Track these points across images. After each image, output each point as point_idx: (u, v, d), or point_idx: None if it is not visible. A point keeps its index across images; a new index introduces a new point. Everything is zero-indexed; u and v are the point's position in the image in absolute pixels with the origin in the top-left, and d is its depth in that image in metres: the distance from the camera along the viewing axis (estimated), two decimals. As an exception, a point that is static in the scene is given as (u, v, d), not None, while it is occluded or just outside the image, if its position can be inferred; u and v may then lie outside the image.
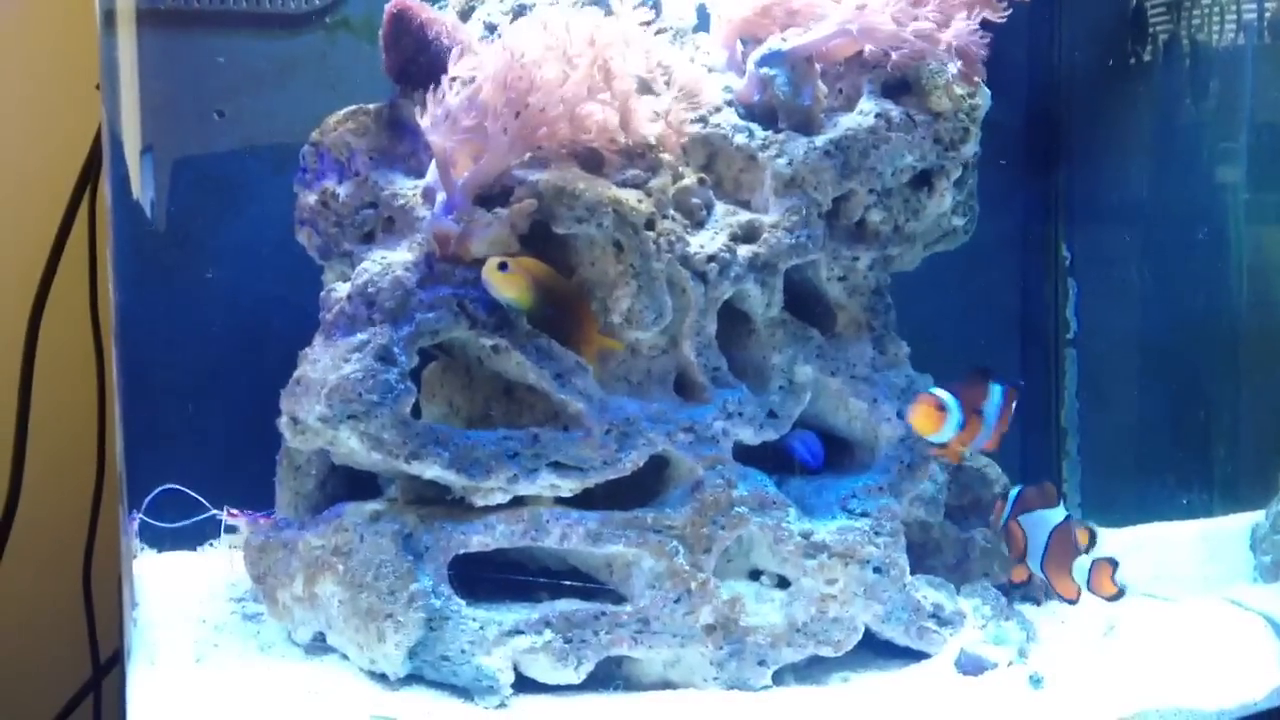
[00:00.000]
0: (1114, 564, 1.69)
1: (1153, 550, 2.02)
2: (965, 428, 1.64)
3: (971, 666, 1.65)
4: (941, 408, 1.63)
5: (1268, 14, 1.98)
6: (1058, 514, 1.70)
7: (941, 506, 1.80)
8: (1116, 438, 2.17)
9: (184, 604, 1.80)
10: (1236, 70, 2.03)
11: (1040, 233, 2.24)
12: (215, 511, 1.91)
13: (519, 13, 1.74)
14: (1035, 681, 1.61)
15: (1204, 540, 2.01)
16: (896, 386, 1.77)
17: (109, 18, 1.72)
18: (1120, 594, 1.69)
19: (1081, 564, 1.68)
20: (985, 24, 1.74)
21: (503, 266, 1.56)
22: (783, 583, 1.68)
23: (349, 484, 1.76)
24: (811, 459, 1.77)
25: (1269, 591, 1.93)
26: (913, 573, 1.70)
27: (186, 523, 1.89)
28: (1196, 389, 2.08)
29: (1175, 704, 1.56)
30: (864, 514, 1.69)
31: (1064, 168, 2.23)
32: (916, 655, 1.69)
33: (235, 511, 1.88)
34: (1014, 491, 1.74)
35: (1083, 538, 1.69)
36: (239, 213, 1.93)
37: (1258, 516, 1.99)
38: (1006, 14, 1.74)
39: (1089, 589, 1.68)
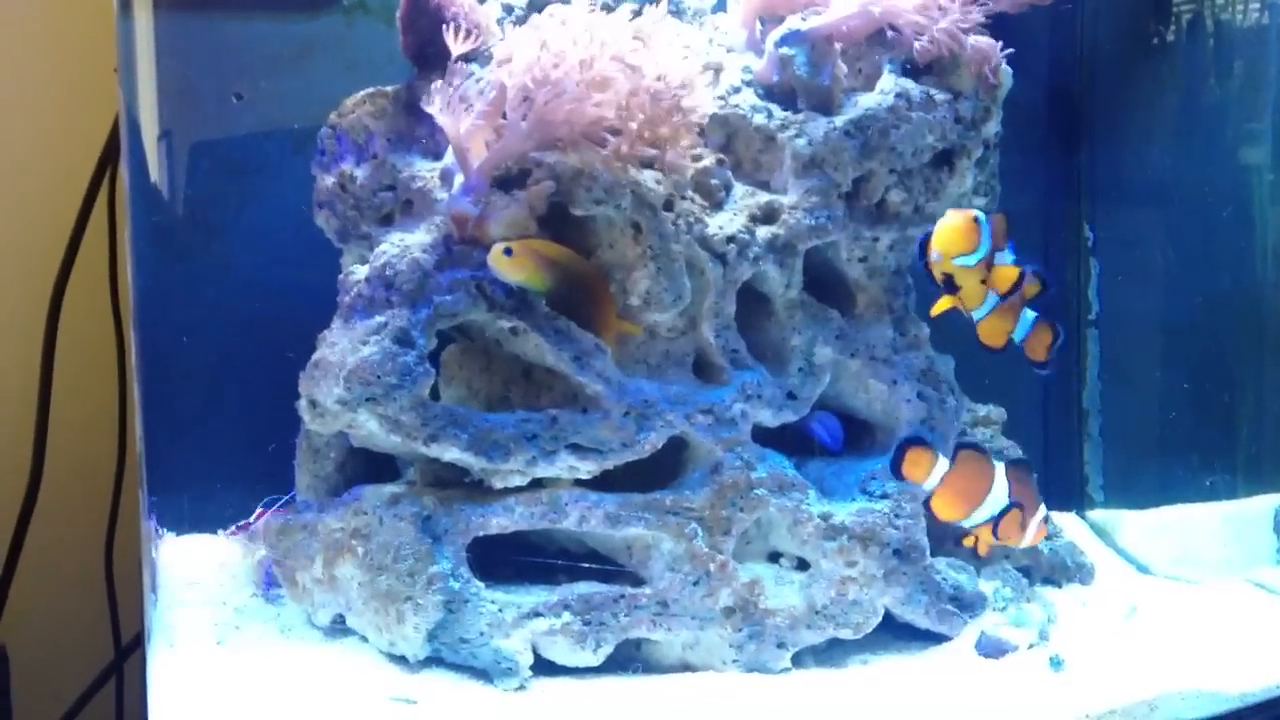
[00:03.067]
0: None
1: (1176, 532, 2.00)
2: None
3: (992, 649, 1.64)
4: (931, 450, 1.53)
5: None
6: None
7: (963, 488, 1.79)
8: (1139, 419, 2.16)
9: (204, 587, 1.81)
10: (1261, 50, 2.00)
11: (1062, 212, 2.22)
12: (223, 532, 1.91)
13: (537, -6, 1.73)
14: (1056, 664, 1.60)
15: (1227, 522, 2.00)
16: (916, 368, 1.76)
17: (125, 1, 1.72)
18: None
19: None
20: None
21: (508, 251, 1.55)
22: (802, 565, 1.67)
23: (368, 467, 1.76)
24: (831, 441, 1.77)
25: (1292, 573, 1.92)
26: (932, 554, 1.70)
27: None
28: (1220, 370, 2.06)
29: (1198, 687, 1.55)
30: (884, 496, 1.68)
31: (1086, 147, 2.21)
32: (937, 638, 1.69)
33: (234, 529, 1.87)
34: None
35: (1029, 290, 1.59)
36: (257, 196, 1.93)
37: (1282, 498, 1.98)
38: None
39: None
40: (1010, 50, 1.74)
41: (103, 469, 1.86)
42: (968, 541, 1.63)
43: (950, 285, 1.57)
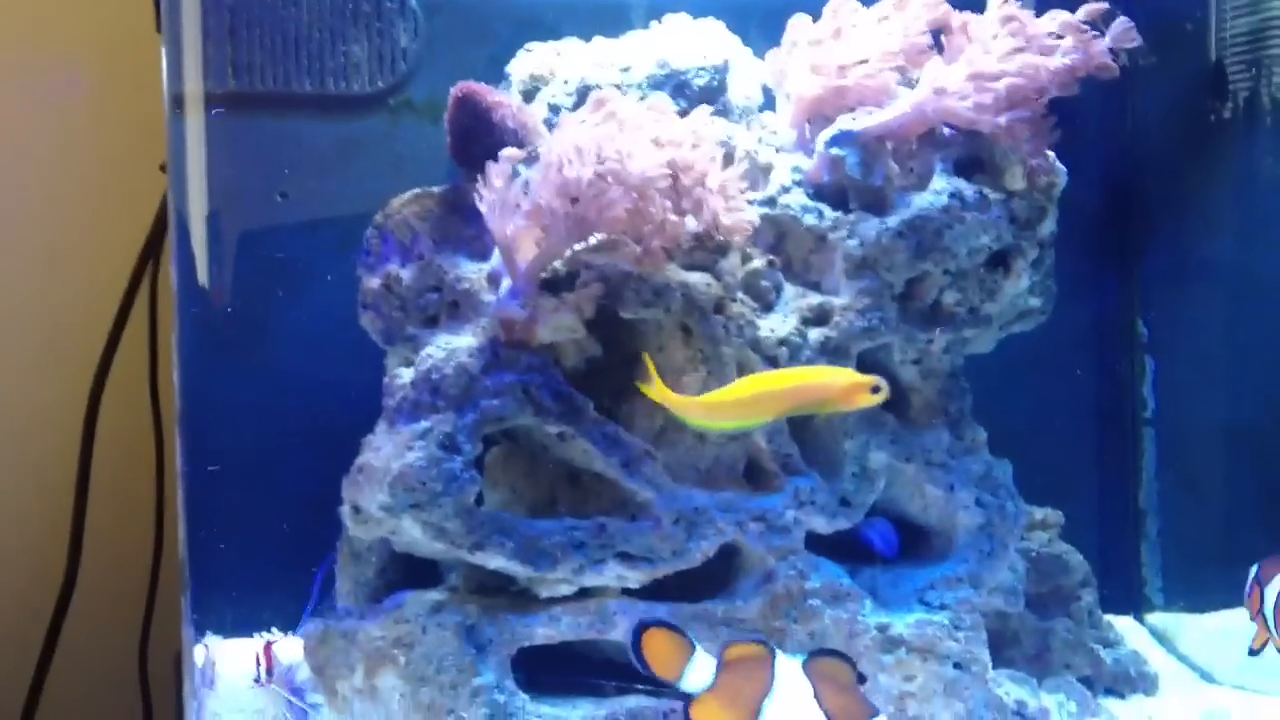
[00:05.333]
0: None
1: (1241, 638, 1.94)
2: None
3: (1058, 767, 1.59)
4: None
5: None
6: None
7: (1021, 596, 1.73)
8: (1198, 519, 2.10)
9: (240, 693, 1.77)
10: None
11: (1115, 307, 2.17)
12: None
13: (583, 94, 1.71)
14: (1125, 783, 1.54)
15: (1295, 628, 1.93)
16: (974, 473, 1.71)
17: (177, 101, 1.71)
18: None
19: None
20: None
21: None
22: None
23: (409, 571, 1.72)
24: (886, 548, 1.72)
25: (1366, 682, 1.84)
26: (992, 666, 1.64)
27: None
28: (1282, 468, 2.00)
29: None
30: (943, 606, 1.63)
31: (1140, 237, 2.16)
32: (999, 755, 1.63)
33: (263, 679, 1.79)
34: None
35: None
36: (302, 295, 1.91)
37: (1352, 602, 1.91)
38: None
39: None
40: (1058, 125, 1.69)
41: (138, 570, 1.84)
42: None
43: None
